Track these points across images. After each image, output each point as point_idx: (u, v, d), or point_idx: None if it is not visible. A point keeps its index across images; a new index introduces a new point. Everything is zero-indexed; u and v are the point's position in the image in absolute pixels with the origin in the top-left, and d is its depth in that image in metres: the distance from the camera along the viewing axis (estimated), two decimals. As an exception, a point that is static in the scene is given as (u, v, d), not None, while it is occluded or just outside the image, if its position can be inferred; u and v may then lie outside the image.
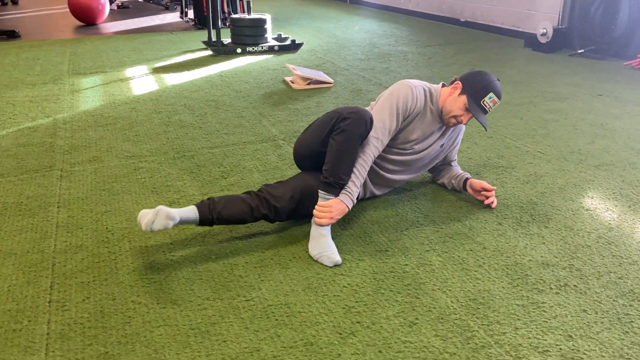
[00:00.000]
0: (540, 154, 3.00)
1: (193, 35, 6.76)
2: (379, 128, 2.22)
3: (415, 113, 2.31)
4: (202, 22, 7.30)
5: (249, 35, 5.79)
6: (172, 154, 3.02)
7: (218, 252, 2.07)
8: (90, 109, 3.80)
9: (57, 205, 2.44)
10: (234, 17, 5.83)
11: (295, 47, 5.89)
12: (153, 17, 8.51)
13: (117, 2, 9.66)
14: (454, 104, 2.29)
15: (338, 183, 2.10)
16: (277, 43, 5.85)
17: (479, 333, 1.64)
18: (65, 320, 1.70)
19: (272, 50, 5.81)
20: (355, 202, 2.18)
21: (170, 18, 8.34)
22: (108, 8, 7.54)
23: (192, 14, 7.80)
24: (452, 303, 1.78)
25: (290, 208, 2.13)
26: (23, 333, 1.65)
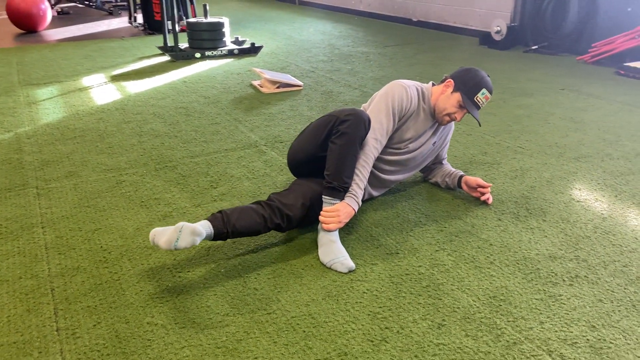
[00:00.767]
0: (521, 149, 3.08)
1: (145, 41, 6.55)
2: (377, 129, 2.22)
3: (410, 113, 2.31)
4: (152, 27, 7.09)
5: (208, 40, 5.67)
6: (152, 165, 2.90)
7: (226, 265, 2.00)
8: (54, 122, 3.61)
9: (40, 226, 2.29)
10: (191, 21, 5.69)
11: (255, 50, 5.81)
12: (98, 22, 8.19)
13: (56, 8, 9.25)
14: (447, 102, 2.32)
15: (342, 186, 2.08)
16: (236, 47, 5.76)
17: (507, 330, 1.66)
18: (80, 349, 1.60)
19: (231, 54, 5.71)
20: (361, 204, 2.17)
21: (117, 23, 8.06)
22: (50, 14, 7.20)
23: (141, 19, 7.57)
24: (474, 302, 1.79)
25: (302, 215, 2.10)
26: (36, 366, 1.54)
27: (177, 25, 5.61)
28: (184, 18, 6.83)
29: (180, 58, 5.49)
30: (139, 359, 1.56)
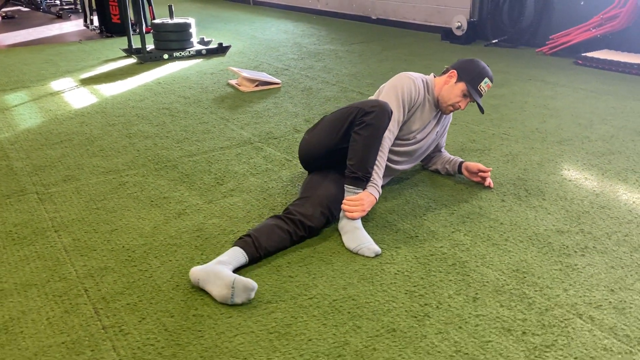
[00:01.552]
0: (506, 136, 3.25)
1: (105, 44, 6.41)
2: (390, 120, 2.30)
3: (418, 104, 2.41)
4: (111, 29, 6.94)
5: (175, 41, 5.61)
6: (151, 166, 2.88)
7: (254, 257, 2.03)
8: (34, 127, 3.51)
9: (53, 230, 2.25)
10: (156, 22, 5.62)
11: (223, 50, 5.80)
12: (49, 26, 7.92)
13: (1, 12, 8.87)
14: (452, 92, 2.43)
15: (365, 176, 2.15)
16: (204, 47, 5.72)
17: (537, 298, 1.78)
18: (133, 344, 1.60)
19: (199, 55, 5.68)
20: (381, 192, 2.24)
21: (70, 27, 7.82)
22: None
23: (97, 22, 7.37)
24: (500, 276, 1.91)
25: (323, 222, 2.15)
26: (93, 364, 1.54)
27: (137, 28, 5.52)
28: (143, 20, 6.72)
29: (148, 60, 5.41)
30: (195, 349, 1.58)
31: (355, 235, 2.09)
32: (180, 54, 5.56)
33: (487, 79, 2.42)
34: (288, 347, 1.59)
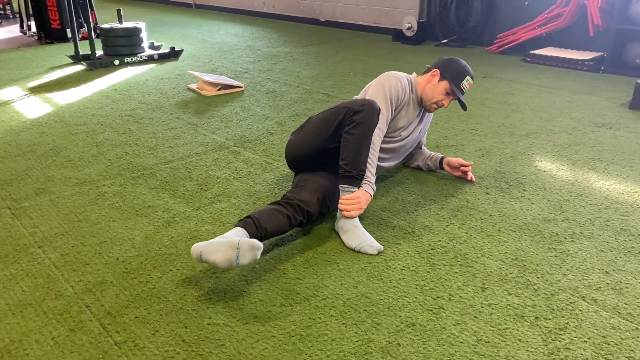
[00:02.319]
0: (475, 131, 3.36)
1: (47, 50, 6.12)
2: (379, 118, 2.33)
3: (404, 102, 2.46)
4: (50, 35, 6.63)
5: (125, 46, 5.44)
6: (127, 175, 2.78)
7: (259, 261, 2.01)
8: (-11, 139, 3.31)
9: (37, 246, 2.13)
10: (105, 27, 5.42)
11: (176, 54, 5.67)
12: (-21, 33, 7.48)
13: None
14: (435, 90, 2.49)
15: (360, 175, 2.17)
16: (156, 52, 5.58)
17: (541, 285, 1.86)
18: (151, 358, 1.55)
19: (152, 60, 5.53)
20: (375, 189, 2.27)
21: (2, 34, 7.41)
22: None
23: (34, 28, 7.03)
24: (502, 265, 1.97)
25: (319, 210, 2.16)
26: (114, 381, 1.47)
27: (78, 33, 5.30)
28: (85, 25, 6.46)
29: (99, 66, 5.22)
30: (218, 359, 1.55)
31: (356, 234, 2.11)
32: (132, 59, 5.40)
33: (468, 77, 2.49)
34: (313, 348, 1.58)
